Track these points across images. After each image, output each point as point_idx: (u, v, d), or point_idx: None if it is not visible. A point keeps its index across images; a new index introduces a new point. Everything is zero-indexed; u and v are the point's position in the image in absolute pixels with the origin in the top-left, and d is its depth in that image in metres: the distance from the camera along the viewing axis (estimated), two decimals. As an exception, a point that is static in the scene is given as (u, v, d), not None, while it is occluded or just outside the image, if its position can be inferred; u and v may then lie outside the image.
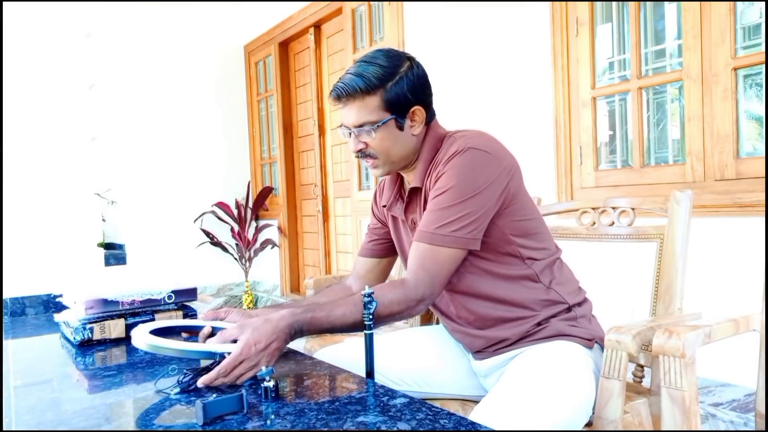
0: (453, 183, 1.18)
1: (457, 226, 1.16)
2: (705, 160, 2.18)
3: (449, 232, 1.16)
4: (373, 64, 1.23)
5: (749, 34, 2.09)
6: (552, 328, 1.26)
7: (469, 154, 1.19)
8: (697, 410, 1.09)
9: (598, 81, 2.57)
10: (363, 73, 1.22)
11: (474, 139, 1.22)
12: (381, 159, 1.27)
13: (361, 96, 1.22)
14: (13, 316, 1.69)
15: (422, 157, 1.29)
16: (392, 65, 1.24)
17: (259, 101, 5.46)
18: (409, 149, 1.28)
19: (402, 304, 1.14)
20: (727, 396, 2.09)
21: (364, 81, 1.22)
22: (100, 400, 0.97)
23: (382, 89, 1.22)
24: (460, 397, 1.39)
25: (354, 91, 1.22)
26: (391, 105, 1.23)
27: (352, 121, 1.25)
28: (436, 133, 1.30)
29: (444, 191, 1.18)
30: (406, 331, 1.49)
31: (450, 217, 1.17)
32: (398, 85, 1.23)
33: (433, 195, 1.21)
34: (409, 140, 1.28)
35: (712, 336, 1.16)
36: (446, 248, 1.17)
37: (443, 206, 1.17)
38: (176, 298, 1.40)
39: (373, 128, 1.23)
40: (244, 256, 5.21)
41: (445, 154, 1.22)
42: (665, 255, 1.41)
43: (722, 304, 2.04)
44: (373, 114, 1.23)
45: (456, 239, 1.16)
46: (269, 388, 0.89)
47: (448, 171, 1.19)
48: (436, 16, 3.30)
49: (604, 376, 1.15)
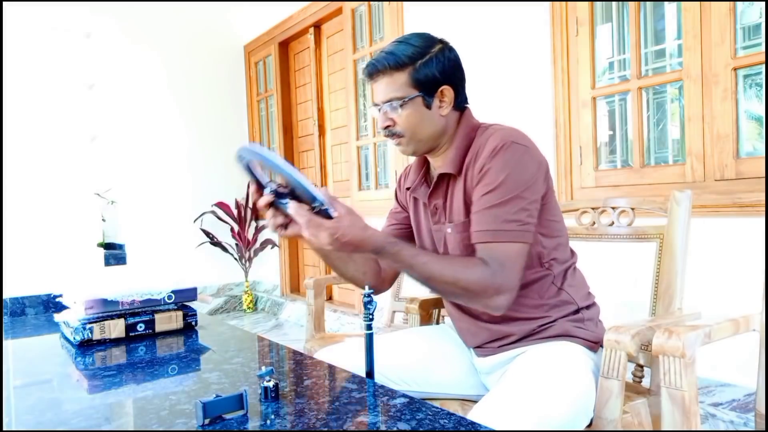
0: (503, 178, 1.17)
1: (518, 218, 1.17)
2: (705, 160, 2.18)
3: (515, 227, 1.16)
4: (405, 43, 1.25)
5: (749, 34, 2.09)
6: (558, 327, 1.26)
7: (513, 149, 1.19)
8: (696, 410, 1.09)
9: (598, 81, 2.57)
10: (394, 51, 1.24)
11: (513, 133, 1.23)
12: (406, 137, 1.28)
13: (390, 72, 1.24)
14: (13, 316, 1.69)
15: (455, 143, 1.29)
16: (424, 45, 1.26)
17: (259, 101, 5.46)
18: (436, 129, 1.28)
19: (480, 285, 1.14)
20: (726, 396, 2.09)
21: (394, 58, 1.24)
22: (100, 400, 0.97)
23: (411, 67, 1.24)
24: (460, 397, 1.39)
25: (384, 67, 1.24)
26: (419, 83, 1.24)
27: (380, 98, 1.27)
28: (470, 122, 1.31)
29: (496, 187, 1.18)
30: (406, 331, 1.49)
31: (510, 212, 1.17)
32: (428, 65, 1.24)
33: (483, 191, 1.19)
34: (436, 120, 1.28)
35: (712, 336, 1.16)
36: (515, 243, 1.17)
37: (499, 201, 1.17)
38: (176, 298, 1.40)
39: (399, 104, 1.24)
40: (244, 256, 5.21)
41: (485, 147, 1.22)
42: (665, 255, 1.41)
43: (722, 304, 2.04)
44: (400, 90, 1.24)
45: (521, 233, 1.17)
46: (269, 388, 0.89)
47: (495, 166, 1.19)
48: (436, 16, 3.30)
49: (604, 376, 1.15)
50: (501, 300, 1.15)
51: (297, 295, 5.05)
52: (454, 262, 1.19)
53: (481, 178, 1.21)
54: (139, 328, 1.34)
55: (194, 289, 1.44)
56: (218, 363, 1.12)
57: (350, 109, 4.14)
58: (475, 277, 1.14)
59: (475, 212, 1.21)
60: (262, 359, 1.18)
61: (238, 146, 1.08)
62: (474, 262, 1.16)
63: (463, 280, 1.14)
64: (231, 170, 5.45)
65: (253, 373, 1.04)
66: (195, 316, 1.43)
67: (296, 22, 4.69)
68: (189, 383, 1.03)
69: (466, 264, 1.16)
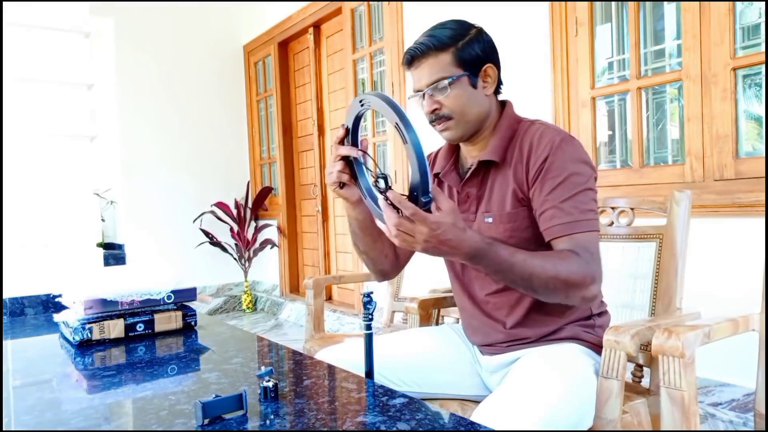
0: (572, 170, 1.18)
1: (591, 208, 1.18)
2: (704, 160, 2.18)
3: (592, 216, 1.17)
4: (443, 28, 1.25)
5: (748, 34, 2.10)
6: (568, 331, 1.27)
7: (574, 143, 1.21)
8: (696, 410, 1.09)
9: (598, 81, 2.57)
10: (434, 34, 1.24)
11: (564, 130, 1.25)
12: (455, 119, 1.26)
13: (434, 53, 1.23)
14: (13, 316, 1.69)
15: (500, 132, 1.28)
16: (463, 28, 1.26)
17: (258, 101, 5.46)
18: (483, 110, 1.28)
19: (578, 275, 1.11)
20: (726, 396, 2.09)
21: (437, 39, 1.23)
22: (100, 400, 0.97)
23: (454, 47, 1.23)
24: (459, 397, 1.39)
25: (427, 49, 1.23)
26: (464, 61, 1.24)
27: (425, 81, 1.24)
28: (513, 113, 1.32)
29: (565, 179, 1.17)
30: (406, 332, 1.49)
31: (584, 203, 1.17)
32: (470, 44, 1.25)
33: (551, 184, 1.18)
34: (482, 100, 1.28)
35: (711, 336, 1.16)
36: (594, 232, 1.17)
37: (573, 193, 1.17)
38: (175, 298, 1.40)
39: (447, 83, 1.23)
40: (244, 256, 5.20)
41: (541, 140, 1.21)
42: (664, 255, 1.41)
43: (721, 304, 2.04)
44: (446, 70, 1.23)
45: (596, 222, 1.18)
46: (269, 388, 0.89)
47: (560, 159, 1.19)
48: (436, 16, 3.29)
49: (603, 376, 1.15)
50: (595, 289, 1.14)
51: (296, 295, 5.05)
52: (548, 255, 1.13)
53: (545, 172, 1.19)
54: (139, 328, 1.34)
55: (194, 289, 1.44)
56: (218, 363, 1.12)
57: (350, 109, 4.14)
58: (573, 267, 1.10)
59: (549, 207, 1.18)
60: (262, 359, 1.18)
61: (369, 91, 1.03)
62: (565, 254, 1.13)
63: (563, 272, 1.09)
64: (230, 170, 5.47)
65: (252, 373, 1.04)
66: (194, 316, 1.43)
67: (296, 22, 4.69)
68: (188, 383, 1.03)
69: (561, 256, 1.12)
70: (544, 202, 1.19)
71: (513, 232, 1.24)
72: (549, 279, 1.09)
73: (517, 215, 1.24)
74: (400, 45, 3.54)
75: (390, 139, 3.75)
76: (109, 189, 4.99)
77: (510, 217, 1.25)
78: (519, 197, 1.24)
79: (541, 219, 1.20)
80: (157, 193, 5.07)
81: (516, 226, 1.24)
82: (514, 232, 1.24)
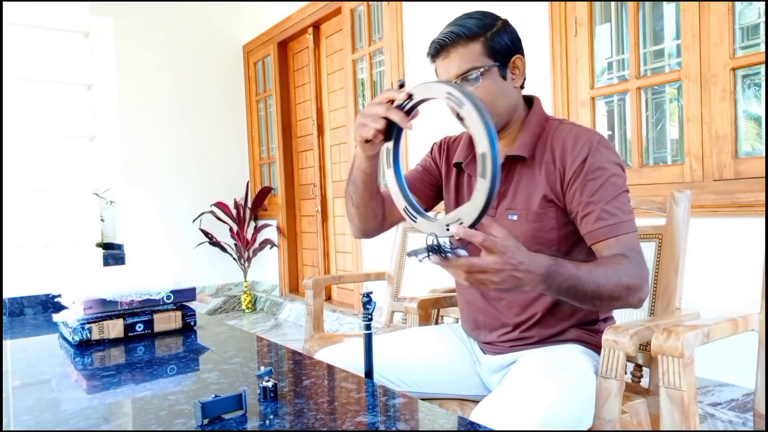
0: (612, 172, 1.18)
1: (630, 209, 1.19)
2: (704, 160, 2.18)
3: (632, 217, 1.18)
4: (471, 18, 1.23)
5: (748, 35, 2.10)
6: (571, 333, 1.27)
7: (609, 145, 1.21)
8: (695, 410, 1.09)
9: (597, 81, 2.58)
10: (463, 24, 1.21)
11: (593, 130, 1.25)
12: None
13: (464, 43, 1.20)
14: (12, 316, 1.69)
15: (529, 127, 1.27)
16: (490, 18, 1.24)
17: (257, 101, 5.46)
18: (512, 102, 1.27)
19: (635, 277, 1.10)
20: (725, 396, 2.09)
21: (467, 29, 1.20)
22: (99, 400, 0.97)
23: (483, 36, 1.21)
24: (459, 397, 1.39)
25: (456, 38, 1.20)
26: (494, 52, 1.21)
27: (455, 71, 1.21)
28: (541, 109, 1.31)
29: (605, 182, 1.17)
30: (406, 331, 1.49)
31: (625, 203, 1.18)
32: (499, 35, 1.22)
33: (593, 186, 1.17)
34: (512, 93, 1.26)
35: (710, 336, 1.16)
36: (635, 233, 1.18)
37: (615, 195, 1.17)
38: (175, 298, 1.40)
39: (479, 73, 1.20)
40: (243, 256, 5.20)
41: (576, 142, 1.20)
42: (664, 255, 1.41)
43: (721, 304, 2.04)
44: (477, 60, 1.20)
45: (635, 222, 1.19)
46: (268, 388, 0.89)
47: (599, 161, 1.18)
48: (436, 16, 3.29)
49: (602, 376, 1.15)
50: (647, 288, 1.14)
51: (296, 295, 5.04)
52: (608, 263, 1.11)
53: (585, 174, 1.18)
54: (138, 328, 1.34)
55: (193, 289, 1.44)
56: (217, 363, 1.12)
57: (349, 109, 4.14)
58: (631, 271, 1.10)
59: (592, 210, 1.17)
60: (261, 359, 1.18)
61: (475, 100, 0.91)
62: (619, 258, 1.12)
63: (625, 278, 1.08)
64: (230, 170, 5.47)
65: (252, 373, 1.04)
66: (194, 316, 1.43)
67: (295, 22, 4.69)
68: (188, 383, 1.03)
69: (617, 261, 1.11)
70: (587, 204, 1.18)
71: (537, 231, 1.23)
72: (614, 288, 1.07)
73: (544, 215, 1.23)
74: (400, 45, 3.54)
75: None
76: (109, 189, 4.99)
77: (537, 217, 1.23)
78: (548, 198, 1.22)
79: (583, 222, 1.19)
80: (157, 193, 5.06)
81: (542, 226, 1.23)
82: (539, 232, 1.23)
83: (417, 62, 3.45)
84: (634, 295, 1.10)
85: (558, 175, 1.22)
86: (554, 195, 1.22)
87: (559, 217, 1.23)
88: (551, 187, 1.22)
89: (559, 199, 1.22)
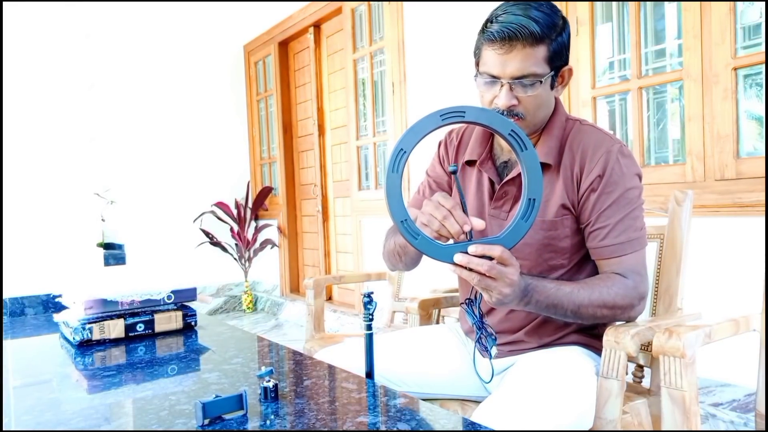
0: (628, 186, 1.17)
1: (641, 225, 1.18)
2: (705, 159, 2.18)
3: (641, 234, 1.18)
4: (539, 9, 1.10)
5: (749, 34, 2.09)
6: (572, 337, 1.27)
7: (629, 154, 1.19)
8: (697, 410, 1.09)
9: (598, 81, 2.57)
10: (536, 17, 1.08)
11: (613, 135, 1.22)
12: (527, 119, 1.15)
13: (533, 43, 1.08)
14: (13, 316, 1.69)
15: (553, 132, 1.20)
16: (555, 14, 1.12)
17: (258, 101, 5.46)
18: (549, 112, 1.21)
19: (626, 298, 1.12)
20: (727, 396, 2.09)
21: (540, 26, 1.08)
22: (100, 400, 0.97)
23: (549, 39, 1.10)
24: (460, 397, 1.38)
25: (528, 35, 1.07)
26: (554, 59, 1.12)
27: (513, 71, 1.10)
28: (563, 110, 1.24)
29: (620, 196, 1.16)
30: (406, 332, 1.49)
31: (637, 219, 1.17)
32: (560, 38, 1.12)
33: (608, 200, 1.15)
34: (551, 102, 1.20)
35: (712, 336, 1.15)
36: (642, 250, 1.18)
37: (629, 211, 1.16)
38: (175, 298, 1.40)
39: (537, 81, 1.11)
40: (244, 256, 5.20)
41: (596, 149, 1.17)
42: (665, 255, 1.41)
43: (722, 304, 2.04)
44: (539, 66, 1.10)
45: (645, 237, 1.19)
46: (269, 389, 0.89)
47: (617, 173, 1.16)
48: (436, 15, 3.29)
49: (603, 376, 1.14)
50: (641, 307, 1.16)
51: (297, 295, 5.04)
52: (594, 284, 1.13)
53: (602, 186, 1.16)
54: (139, 328, 1.34)
55: (194, 289, 1.44)
56: (218, 363, 1.12)
57: (350, 108, 4.14)
58: (621, 292, 1.12)
59: (602, 225, 1.16)
60: (262, 359, 1.17)
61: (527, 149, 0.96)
62: (612, 278, 1.14)
63: (610, 300, 1.11)
64: (230, 170, 5.47)
65: (252, 373, 1.04)
66: (194, 316, 1.42)
67: (296, 21, 4.69)
68: (189, 383, 1.03)
69: (607, 283, 1.12)
70: (598, 218, 1.16)
71: (551, 240, 1.20)
72: (597, 308, 1.11)
73: (559, 224, 1.20)
74: (401, 45, 3.54)
75: (390, 139, 3.75)
76: (109, 189, 4.99)
77: (551, 225, 1.20)
78: (565, 206, 1.20)
79: (591, 236, 1.18)
80: (157, 193, 5.06)
81: (556, 234, 1.20)
82: (552, 240, 1.21)
83: (418, 62, 3.44)
84: (622, 314, 1.14)
85: (575, 183, 1.19)
86: (570, 202, 1.20)
87: (574, 225, 1.21)
88: (568, 194, 1.20)
89: (575, 207, 1.21)
